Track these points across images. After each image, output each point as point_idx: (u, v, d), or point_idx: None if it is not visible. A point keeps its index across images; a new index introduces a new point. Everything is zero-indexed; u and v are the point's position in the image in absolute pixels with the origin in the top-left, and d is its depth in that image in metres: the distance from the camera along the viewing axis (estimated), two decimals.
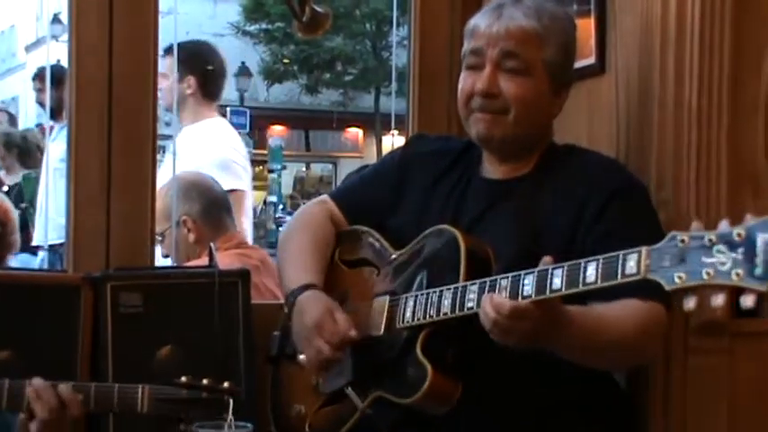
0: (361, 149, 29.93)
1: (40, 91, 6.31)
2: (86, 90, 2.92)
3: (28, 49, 27.79)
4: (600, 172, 2.37)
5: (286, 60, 27.38)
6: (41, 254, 5.19)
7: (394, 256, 2.46)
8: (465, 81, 2.43)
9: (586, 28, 2.74)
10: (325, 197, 2.75)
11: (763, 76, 2.44)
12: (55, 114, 5.64)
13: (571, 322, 2.08)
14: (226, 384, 2.26)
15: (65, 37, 3.01)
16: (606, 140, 2.66)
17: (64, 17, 3.03)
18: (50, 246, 4.95)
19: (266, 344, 2.66)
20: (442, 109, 3.20)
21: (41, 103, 6.31)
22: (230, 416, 2.15)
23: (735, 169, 2.43)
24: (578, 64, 2.66)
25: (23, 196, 6.21)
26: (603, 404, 2.40)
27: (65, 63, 3.02)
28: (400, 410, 2.30)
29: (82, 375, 2.67)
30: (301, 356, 2.43)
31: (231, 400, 2.20)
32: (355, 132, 30.77)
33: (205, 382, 2.26)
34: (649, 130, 2.49)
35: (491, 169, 2.50)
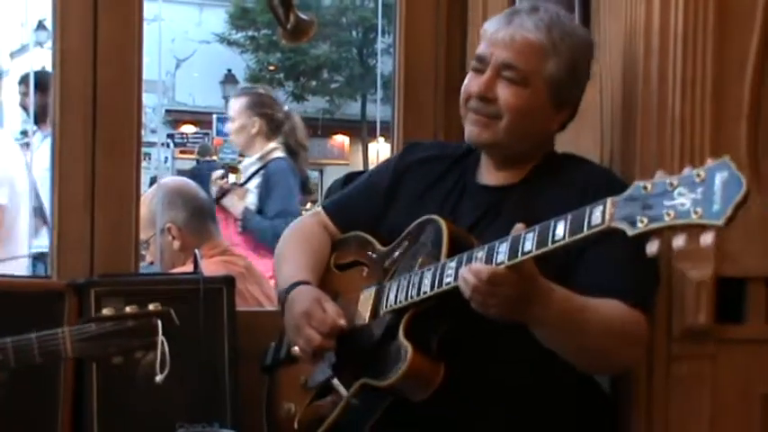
0: (348, 156, 29.90)
1: (24, 95, 6.29)
2: (71, 97, 2.92)
3: (12, 55, 27.70)
4: (595, 182, 2.36)
5: (272, 67, 27.36)
6: None
7: (382, 251, 2.49)
8: (467, 82, 2.45)
9: None
10: (318, 209, 2.77)
11: (745, 84, 2.45)
12: (38, 120, 5.62)
13: (551, 294, 2.09)
14: (151, 306, 2.19)
15: (50, 44, 3.01)
16: (591, 145, 2.66)
17: (49, 23, 3.02)
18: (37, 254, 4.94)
19: (254, 352, 2.66)
20: (428, 115, 3.21)
21: (25, 108, 6.28)
22: (160, 337, 2.11)
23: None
24: None
25: None
26: (587, 409, 2.41)
27: (49, 70, 3.02)
28: (387, 400, 2.30)
29: (66, 381, 2.66)
30: (295, 348, 2.44)
31: (160, 322, 2.15)
32: (341, 139, 30.75)
33: (128, 309, 2.19)
34: (633, 136, 2.49)
35: (488, 175, 2.51)
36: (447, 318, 2.25)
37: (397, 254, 2.43)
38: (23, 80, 6.53)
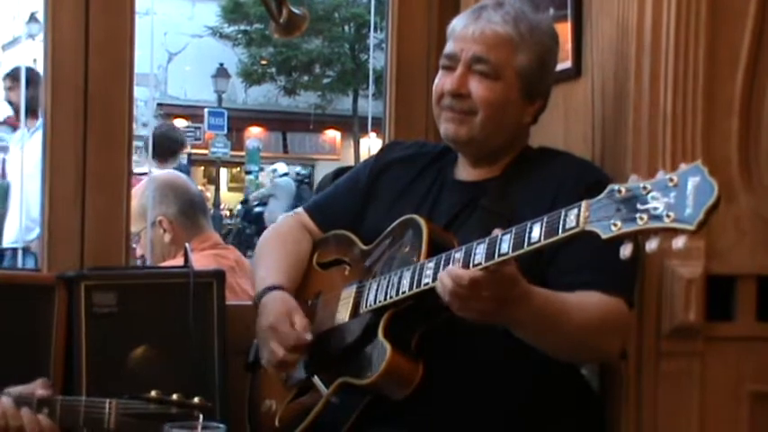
0: (339, 152, 29.90)
1: (9, 90, 6.27)
2: (62, 89, 2.91)
3: (4, 48, 27.63)
4: (571, 171, 2.39)
5: (264, 62, 27.33)
6: None
7: (364, 250, 2.50)
8: (438, 81, 2.47)
9: (563, 32, 2.75)
10: (299, 209, 2.78)
11: (737, 81, 2.46)
12: (27, 115, 5.59)
13: (530, 295, 2.09)
14: (196, 400, 2.24)
15: (42, 36, 3.00)
16: (581, 143, 2.67)
17: (41, 16, 3.01)
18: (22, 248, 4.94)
19: (243, 346, 2.67)
20: (420, 111, 3.21)
21: (10, 102, 6.28)
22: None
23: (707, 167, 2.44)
24: None
25: None
26: (574, 405, 2.42)
27: (41, 62, 3.01)
28: (366, 398, 2.31)
29: (55, 375, 2.66)
30: (261, 359, 2.48)
31: (201, 416, 2.19)
32: (333, 135, 30.75)
33: (175, 397, 2.23)
34: (624, 134, 2.50)
35: (465, 172, 2.52)
36: (426, 317, 2.26)
37: (377, 253, 2.44)
38: (9, 75, 6.51)
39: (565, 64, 2.74)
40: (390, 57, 3.27)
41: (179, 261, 3.20)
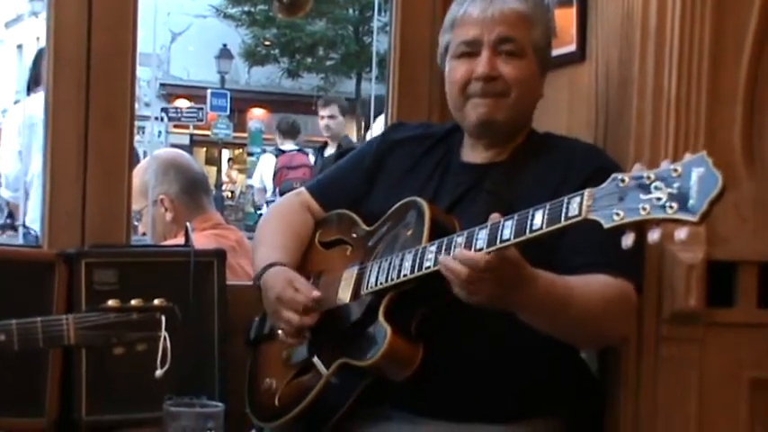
0: None
1: None
2: (64, 67, 2.91)
3: (7, 25, 27.59)
4: (576, 157, 2.39)
5: (268, 43, 27.28)
6: None
7: (366, 231, 2.49)
8: (459, 69, 2.45)
9: (568, 16, 2.75)
10: (301, 189, 2.77)
11: (742, 67, 2.45)
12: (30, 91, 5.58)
13: (536, 280, 2.09)
14: (156, 302, 2.21)
15: (45, 14, 2.99)
16: (585, 127, 2.66)
17: None
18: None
19: (243, 326, 2.67)
20: (423, 95, 3.20)
21: None
22: (163, 332, 2.13)
23: (712, 158, 2.44)
24: (559, 51, 2.68)
25: None
26: (572, 387, 2.42)
27: (44, 40, 3.00)
28: (366, 379, 2.32)
29: (54, 352, 2.66)
30: (279, 332, 2.46)
31: (163, 317, 2.17)
32: None
33: (134, 302, 2.20)
34: (628, 118, 2.49)
35: (471, 154, 2.51)
36: (427, 301, 2.26)
37: (379, 234, 2.44)
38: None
39: (569, 48, 2.73)
40: (394, 40, 3.26)
41: (180, 240, 3.20)
